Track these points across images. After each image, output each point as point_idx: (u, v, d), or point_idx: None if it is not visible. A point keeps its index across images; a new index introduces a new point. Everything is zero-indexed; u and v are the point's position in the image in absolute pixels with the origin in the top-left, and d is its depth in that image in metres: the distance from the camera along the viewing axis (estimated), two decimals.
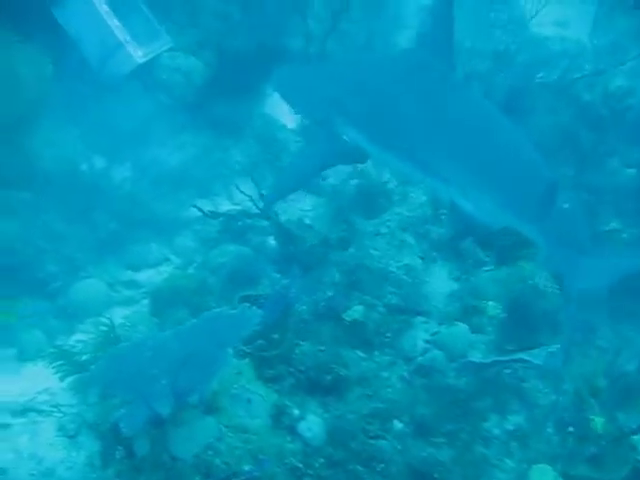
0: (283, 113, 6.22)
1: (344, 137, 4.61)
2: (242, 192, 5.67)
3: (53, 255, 5.16)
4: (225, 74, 6.37)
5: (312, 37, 6.62)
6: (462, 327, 4.86)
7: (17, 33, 5.44)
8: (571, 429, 4.61)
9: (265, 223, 5.66)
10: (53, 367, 4.40)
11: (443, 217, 5.71)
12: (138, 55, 5.82)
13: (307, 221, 5.78)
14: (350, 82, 4.73)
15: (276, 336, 4.61)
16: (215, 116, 6.28)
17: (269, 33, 6.55)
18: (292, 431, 4.32)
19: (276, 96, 5.61)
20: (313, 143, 5.95)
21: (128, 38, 5.73)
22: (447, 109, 4.30)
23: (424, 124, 4.30)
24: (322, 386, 4.58)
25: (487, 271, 5.21)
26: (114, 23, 5.69)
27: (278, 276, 5.22)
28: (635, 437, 4.53)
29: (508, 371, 4.59)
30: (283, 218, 5.62)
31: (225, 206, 5.99)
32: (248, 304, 4.03)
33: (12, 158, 5.16)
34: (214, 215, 5.81)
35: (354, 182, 6.12)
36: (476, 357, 4.71)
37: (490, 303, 4.88)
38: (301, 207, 6.15)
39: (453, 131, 4.23)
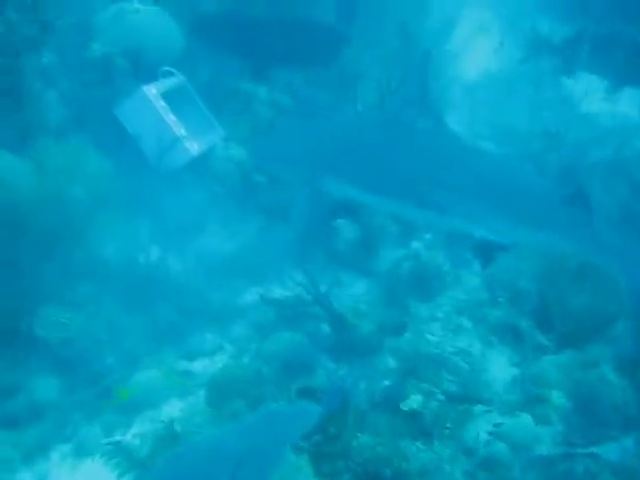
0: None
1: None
2: (295, 279, 5.72)
3: (112, 347, 5.23)
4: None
5: None
6: (526, 418, 4.68)
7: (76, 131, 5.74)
8: None
9: (318, 309, 5.66)
10: (111, 464, 4.41)
11: (500, 299, 5.64)
12: (194, 148, 5.99)
13: (361, 306, 5.75)
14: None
15: (333, 429, 4.53)
16: (267, 203, 6.39)
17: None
18: None
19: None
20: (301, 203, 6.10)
21: (184, 132, 5.92)
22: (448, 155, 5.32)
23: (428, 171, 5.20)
24: None
25: (549, 356, 5.08)
26: (170, 119, 5.89)
27: (333, 366, 5.16)
28: None
29: (579, 467, 4.38)
30: (336, 304, 5.61)
31: (278, 293, 6.02)
32: (306, 400, 3.99)
33: (75, 251, 5.33)
34: (268, 302, 5.85)
35: (407, 265, 6.11)
36: (543, 450, 4.53)
37: (554, 391, 4.70)
38: (354, 291, 6.15)
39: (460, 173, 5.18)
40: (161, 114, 5.87)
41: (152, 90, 5.92)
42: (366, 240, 6.37)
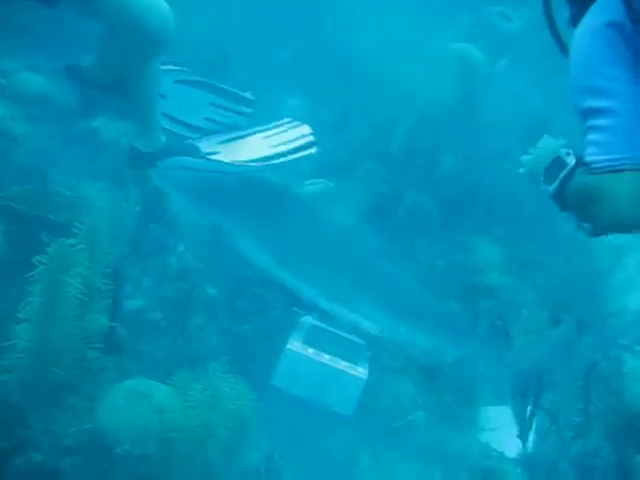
0: (503, 441, 5.61)
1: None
2: None
3: None
4: None
5: None
6: None
7: None
8: None
9: None
10: None
11: None
12: (360, 372, 5.71)
13: None
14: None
15: None
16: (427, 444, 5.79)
17: None
18: None
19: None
20: None
21: (344, 364, 5.68)
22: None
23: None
24: None
25: None
26: (325, 358, 5.71)
27: None
28: None
29: None
30: None
31: None
32: None
33: None
34: None
35: None
36: None
37: None
38: None
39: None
40: (317, 361, 5.55)
41: (295, 343, 5.76)
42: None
